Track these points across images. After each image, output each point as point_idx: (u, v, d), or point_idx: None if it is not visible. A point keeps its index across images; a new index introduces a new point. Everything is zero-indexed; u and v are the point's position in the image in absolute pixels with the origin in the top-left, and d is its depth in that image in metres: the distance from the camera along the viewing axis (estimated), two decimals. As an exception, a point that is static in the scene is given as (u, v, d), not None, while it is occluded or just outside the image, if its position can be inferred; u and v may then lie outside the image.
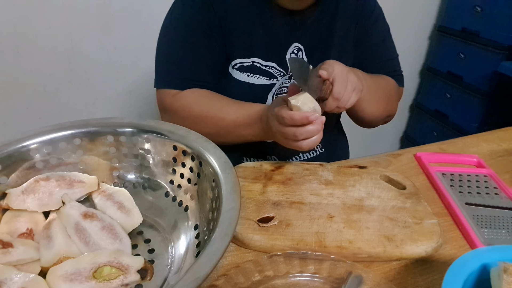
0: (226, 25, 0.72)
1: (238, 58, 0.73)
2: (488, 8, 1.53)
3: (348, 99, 0.60)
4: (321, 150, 0.86)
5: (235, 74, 0.74)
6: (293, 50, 0.75)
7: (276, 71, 0.75)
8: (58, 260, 0.42)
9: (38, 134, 0.52)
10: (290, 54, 0.75)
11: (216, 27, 0.71)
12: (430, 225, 0.54)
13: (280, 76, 0.75)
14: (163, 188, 0.56)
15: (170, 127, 0.56)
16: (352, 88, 0.60)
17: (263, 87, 0.75)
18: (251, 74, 0.74)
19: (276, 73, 0.75)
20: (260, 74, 0.74)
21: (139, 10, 1.30)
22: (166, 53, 0.73)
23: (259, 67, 0.74)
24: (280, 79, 0.75)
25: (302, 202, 0.58)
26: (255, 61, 0.73)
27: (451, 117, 1.79)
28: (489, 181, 0.67)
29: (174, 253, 0.47)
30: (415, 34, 1.85)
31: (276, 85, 0.75)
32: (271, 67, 0.74)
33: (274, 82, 0.75)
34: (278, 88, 0.76)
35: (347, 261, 0.46)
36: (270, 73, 0.75)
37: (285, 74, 0.75)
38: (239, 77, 0.74)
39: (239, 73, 0.73)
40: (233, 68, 0.74)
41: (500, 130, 0.87)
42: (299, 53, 0.76)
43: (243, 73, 0.74)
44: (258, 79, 0.74)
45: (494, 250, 0.41)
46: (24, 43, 1.22)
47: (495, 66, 1.49)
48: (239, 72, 0.73)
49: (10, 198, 0.48)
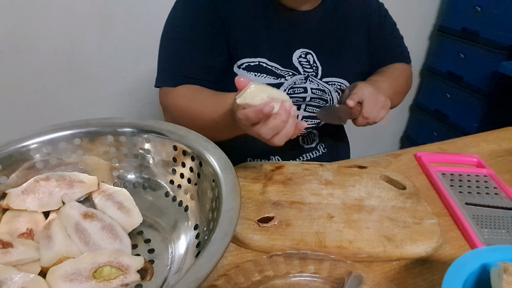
0: (230, 25, 0.71)
1: (244, 57, 0.73)
2: (488, 8, 1.53)
3: (377, 116, 0.70)
4: (324, 150, 0.86)
5: (242, 74, 0.73)
6: (300, 54, 0.75)
7: (281, 71, 0.74)
8: (58, 260, 0.42)
9: (38, 134, 0.52)
10: (297, 58, 0.75)
11: (219, 26, 0.71)
12: (430, 225, 0.54)
13: (289, 76, 0.75)
14: (163, 188, 0.56)
15: (170, 127, 0.56)
16: (381, 106, 0.70)
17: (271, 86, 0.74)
18: (258, 74, 0.73)
19: (283, 73, 0.74)
20: (267, 73, 0.74)
21: (139, 10, 1.30)
22: (167, 51, 0.73)
23: (265, 67, 0.73)
24: (288, 78, 0.75)
25: (302, 202, 0.58)
26: (261, 61, 0.73)
27: (451, 117, 1.79)
28: (489, 181, 0.67)
29: (174, 253, 0.47)
30: (415, 34, 1.85)
31: (285, 84, 0.74)
32: (276, 68, 0.74)
33: (282, 81, 0.75)
34: (289, 87, 0.75)
35: (347, 261, 0.46)
36: (275, 73, 0.74)
37: (295, 74, 0.75)
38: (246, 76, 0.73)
39: (246, 73, 0.73)
40: (239, 68, 0.73)
41: (500, 130, 0.87)
42: (308, 56, 0.76)
43: (250, 72, 0.73)
44: (266, 78, 0.74)
45: (494, 250, 0.41)
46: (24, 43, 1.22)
47: (495, 66, 1.49)
48: (246, 72, 0.73)
49: (10, 198, 0.48)
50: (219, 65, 0.74)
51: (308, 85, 0.75)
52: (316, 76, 0.76)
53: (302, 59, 0.75)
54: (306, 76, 0.75)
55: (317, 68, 0.76)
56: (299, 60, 0.75)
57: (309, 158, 0.84)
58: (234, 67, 0.74)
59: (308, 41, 0.75)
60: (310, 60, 0.76)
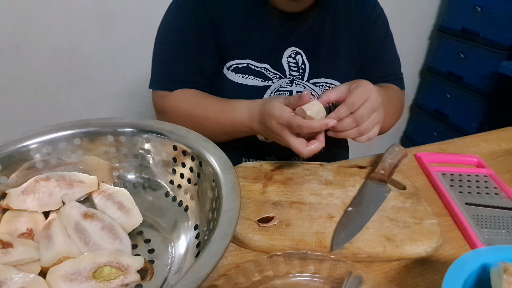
0: (221, 27, 0.72)
1: (233, 59, 0.73)
2: (488, 8, 1.53)
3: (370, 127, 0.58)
4: (321, 150, 0.85)
5: (230, 75, 0.74)
6: (290, 53, 0.75)
7: (270, 73, 0.75)
8: (58, 260, 0.42)
9: (38, 134, 0.52)
10: (287, 58, 0.75)
11: (210, 29, 0.71)
12: (430, 225, 0.54)
13: (276, 79, 0.75)
14: (163, 188, 0.56)
15: (170, 127, 0.56)
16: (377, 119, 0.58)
17: (258, 88, 0.75)
18: (245, 76, 0.74)
19: (271, 75, 0.75)
20: (255, 76, 0.74)
21: (139, 10, 1.30)
22: (160, 55, 0.75)
23: (253, 69, 0.74)
24: (276, 81, 0.75)
25: (302, 202, 0.58)
26: (250, 63, 0.74)
27: (451, 117, 1.79)
28: (489, 181, 0.67)
29: (174, 253, 0.47)
30: (415, 34, 1.85)
31: (272, 87, 0.75)
32: (265, 69, 0.74)
33: (269, 84, 0.75)
34: (275, 90, 0.76)
35: (347, 261, 0.46)
36: (264, 75, 0.74)
37: (282, 77, 0.75)
38: (234, 78, 0.74)
39: (234, 74, 0.73)
40: (228, 70, 0.74)
41: (500, 130, 0.87)
42: (297, 57, 0.76)
43: (238, 74, 0.74)
44: (253, 80, 0.74)
45: (494, 250, 0.41)
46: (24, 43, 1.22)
47: (495, 66, 1.49)
48: (234, 73, 0.73)
49: (10, 198, 0.48)
50: (210, 68, 0.74)
51: (294, 88, 0.76)
52: (303, 78, 0.76)
53: (291, 60, 0.75)
54: (291, 80, 0.76)
55: (305, 69, 0.76)
56: (288, 61, 0.75)
57: (305, 159, 0.84)
58: (223, 69, 0.74)
59: (299, 40, 0.75)
60: (299, 61, 0.76)
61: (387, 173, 0.64)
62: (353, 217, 0.54)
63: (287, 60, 0.75)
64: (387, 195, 0.59)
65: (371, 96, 0.56)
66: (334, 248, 0.49)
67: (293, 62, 0.75)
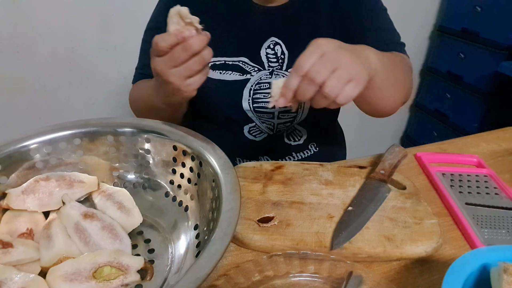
0: None
1: None
2: (488, 8, 1.53)
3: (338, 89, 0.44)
4: (315, 149, 0.85)
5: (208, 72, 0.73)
6: (269, 44, 0.75)
7: (248, 66, 0.75)
8: (58, 260, 0.42)
9: (38, 134, 0.52)
10: (265, 49, 0.75)
11: None
12: (430, 225, 0.54)
13: (255, 71, 0.75)
14: (163, 188, 0.56)
15: (170, 127, 0.56)
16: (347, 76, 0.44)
17: (237, 82, 0.75)
18: (223, 71, 0.75)
19: (249, 68, 0.75)
20: (232, 70, 0.75)
21: (139, 10, 1.30)
22: (140, 52, 0.81)
23: (231, 64, 0.75)
24: (254, 74, 0.75)
25: (302, 202, 0.58)
26: (227, 60, 0.75)
27: (451, 117, 1.79)
28: (489, 181, 0.67)
29: (174, 253, 0.47)
30: (415, 34, 1.86)
31: (251, 80, 0.75)
32: (242, 62, 0.75)
33: (248, 77, 0.75)
34: (256, 83, 0.76)
35: (347, 261, 0.46)
36: (241, 68, 0.75)
37: (260, 69, 0.75)
38: (212, 75, 0.74)
39: (212, 71, 0.75)
40: None
41: (500, 130, 0.87)
42: (276, 47, 0.75)
43: (216, 71, 0.75)
44: (231, 75, 0.75)
45: (494, 250, 0.41)
46: (24, 43, 1.22)
47: (495, 66, 1.49)
48: (211, 70, 0.75)
49: (10, 198, 0.48)
50: None
51: (274, 79, 0.76)
52: (282, 68, 0.76)
53: (270, 51, 0.75)
54: (271, 71, 0.76)
55: (284, 59, 0.76)
56: (266, 52, 0.75)
57: (299, 158, 0.84)
58: None
59: (279, 30, 0.75)
60: (278, 52, 0.76)
61: (387, 173, 0.64)
62: (353, 217, 0.54)
63: (266, 51, 0.75)
64: (387, 195, 0.59)
65: (324, 48, 0.45)
66: (334, 248, 0.49)
67: (272, 53, 0.76)
